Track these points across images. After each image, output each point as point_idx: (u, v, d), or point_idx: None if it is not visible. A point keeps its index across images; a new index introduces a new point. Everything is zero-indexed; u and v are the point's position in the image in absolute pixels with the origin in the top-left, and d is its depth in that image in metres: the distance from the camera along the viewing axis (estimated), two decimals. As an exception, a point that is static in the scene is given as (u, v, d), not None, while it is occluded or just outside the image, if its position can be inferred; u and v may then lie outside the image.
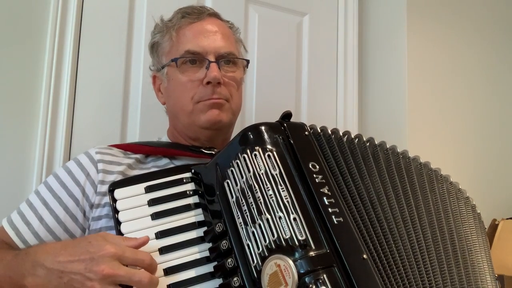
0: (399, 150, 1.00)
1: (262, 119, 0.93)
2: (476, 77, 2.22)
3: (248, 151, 0.83)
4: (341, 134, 0.93)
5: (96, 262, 0.77)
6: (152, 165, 1.13)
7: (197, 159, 1.12)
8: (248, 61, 1.26)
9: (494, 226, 1.97)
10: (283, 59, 1.94)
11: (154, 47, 1.25)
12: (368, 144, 0.95)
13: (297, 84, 1.96)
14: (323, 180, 0.82)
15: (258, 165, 0.81)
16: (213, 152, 1.08)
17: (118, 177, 1.05)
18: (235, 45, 1.23)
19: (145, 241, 0.83)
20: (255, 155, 0.83)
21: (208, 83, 1.13)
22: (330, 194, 0.80)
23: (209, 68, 1.13)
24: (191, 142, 1.20)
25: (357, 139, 0.94)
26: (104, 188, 1.02)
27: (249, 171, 0.82)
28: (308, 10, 2.03)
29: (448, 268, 0.88)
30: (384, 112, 2.05)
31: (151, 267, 0.80)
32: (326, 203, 0.79)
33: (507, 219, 1.97)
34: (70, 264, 0.79)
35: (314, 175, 0.82)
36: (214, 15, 1.24)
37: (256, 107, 1.81)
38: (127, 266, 0.79)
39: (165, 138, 1.28)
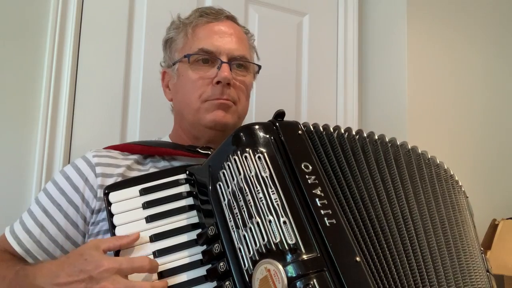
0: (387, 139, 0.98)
1: (262, 119, 0.92)
2: (476, 75, 2.21)
3: (239, 152, 0.82)
4: (331, 130, 0.91)
5: (96, 281, 0.77)
6: (151, 166, 1.12)
7: (194, 159, 1.12)
8: (260, 67, 1.27)
9: (494, 226, 1.96)
10: (283, 59, 1.94)
11: (167, 43, 1.26)
12: (357, 137, 0.92)
13: (297, 84, 1.96)
14: (316, 181, 0.81)
15: (249, 167, 0.80)
16: (209, 152, 1.07)
17: (118, 180, 1.04)
18: (248, 51, 1.24)
19: (136, 237, 0.85)
20: (246, 157, 0.81)
21: (218, 82, 1.13)
22: (323, 195, 0.79)
23: (220, 68, 1.13)
24: (194, 141, 1.19)
25: (346, 134, 0.92)
26: None
27: (239, 174, 0.81)
28: (308, 10, 2.03)
29: (442, 262, 0.86)
30: (384, 111, 2.05)
31: (152, 270, 0.81)
32: (319, 204, 0.77)
33: (507, 219, 1.96)
34: (69, 286, 0.79)
35: (307, 176, 0.81)
36: (232, 18, 1.25)
37: (256, 107, 1.80)
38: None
39: (165, 139, 1.28)
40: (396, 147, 0.96)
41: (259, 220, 0.75)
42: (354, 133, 0.93)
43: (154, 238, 0.87)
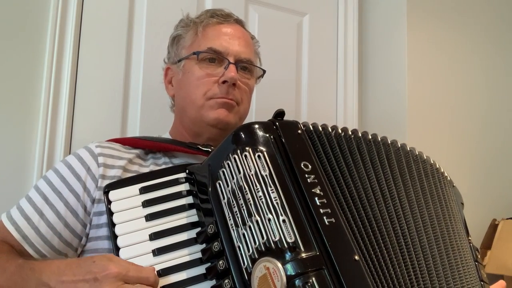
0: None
1: (262, 118, 0.91)
2: (476, 75, 2.21)
3: (239, 151, 0.82)
4: (330, 130, 0.92)
5: (100, 283, 0.76)
6: (152, 163, 1.13)
7: (194, 156, 1.13)
8: (264, 72, 1.31)
9: (494, 226, 1.97)
10: (283, 59, 1.94)
11: (175, 40, 1.28)
12: (353, 136, 0.93)
13: (297, 84, 1.97)
14: (315, 180, 0.80)
15: (248, 166, 0.80)
16: (210, 150, 1.07)
17: (119, 172, 1.05)
18: (254, 55, 1.27)
19: (154, 271, 0.82)
20: (245, 156, 0.81)
21: (224, 82, 1.15)
22: (322, 194, 0.79)
23: (227, 68, 1.16)
24: (194, 138, 1.21)
25: (343, 133, 0.92)
26: (105, 183, 1.01)
27: (239, 172, 0.81)
28: (308, 10, 2.03)
29: (432, 259, 0.87)
30: (384, 112, 2.05)
31: (155, 284, 0.80)
32: (318, 203, 0.77)
33: (507, 219, 1.97)
34: (74, 284, 0.79)
35: (306, 175, 0.80)
36: (240, 22, 1.29)
37: (256, 107, 1.80)
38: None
39: (165, 136, 1.29)
40: (387, 145, 0.97)
41: (258, 219, 0.75)
42: (350, 132, 0.94)
43: (154, 236, 0.87)
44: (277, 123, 0.88)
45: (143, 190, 0.93)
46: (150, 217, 0.90)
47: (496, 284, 1.02)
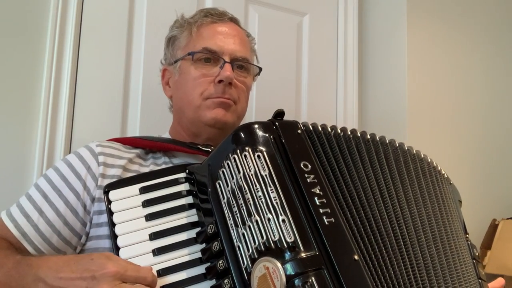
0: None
1: (262, 118, 0.91)
2: (476, 75, 2.21)
3: (238, 151, 0.82)
4: (329, 130, 0.92)
5: (98, 281, 0.76)
6: (151, 162, 1.13)
7: (194, 156, 1.13)
8: (260, 69, 1.30)
9: (494, 226, 1.97)
10: (283, 59, 1.94)
11: (170, 41, 1.28)
12: (352, 136, 0.93)
13: (297, 84, 1.97)
14: (315, 180, 0.81)
15: (248, 166, 0.80)
16: (210, 150, 1.07)
17: (119, 171, 1.05)
18: (250, 53, 1.27)
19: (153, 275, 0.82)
20: (245, 155, 0.81)
21: (220, 81, 1.15)
22: (321, 194, 0.79)
23: (223, 68, 1.16)
24: (193, 139, 1.21)
25: (342, 133, 0.92)
26: (105, 182, 1.02)
27: (239, 172, 0.81)
28: (308, 10, 2.03)
29: (431, 259, 0.87)
30: (384, 112, 2.05)
31: (152, 284, 0.80)
32: (317, 203, 0.77)
33: (507, 219, 1.97)
34: (71, 282, 0.79)
35: (306, 175, 0.81)
36: (235, 20, 1.29)
37: (256, 107, 1.81)
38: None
39: (165, 136, 1.29)
40: (385, 145, 0.97)
41: (258, 219, 0.75)
42: (349, 132, 0.94)
43: (154, 236, 0.87)
44: (276, 123, 0.88)
45: (143, 190, 0.93)
46: (150, 217, 0.90)
47: (495, 282, 1.02)
